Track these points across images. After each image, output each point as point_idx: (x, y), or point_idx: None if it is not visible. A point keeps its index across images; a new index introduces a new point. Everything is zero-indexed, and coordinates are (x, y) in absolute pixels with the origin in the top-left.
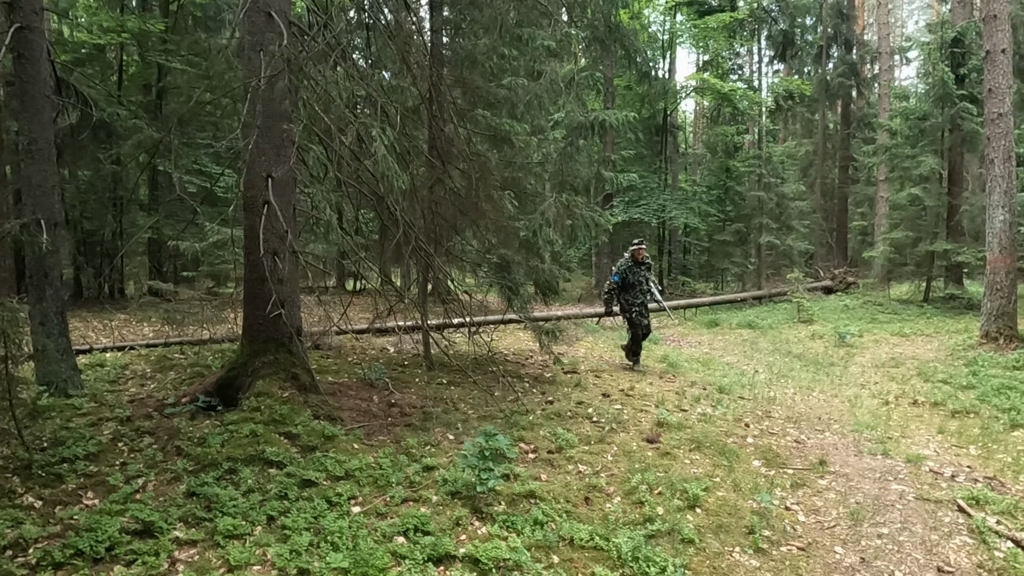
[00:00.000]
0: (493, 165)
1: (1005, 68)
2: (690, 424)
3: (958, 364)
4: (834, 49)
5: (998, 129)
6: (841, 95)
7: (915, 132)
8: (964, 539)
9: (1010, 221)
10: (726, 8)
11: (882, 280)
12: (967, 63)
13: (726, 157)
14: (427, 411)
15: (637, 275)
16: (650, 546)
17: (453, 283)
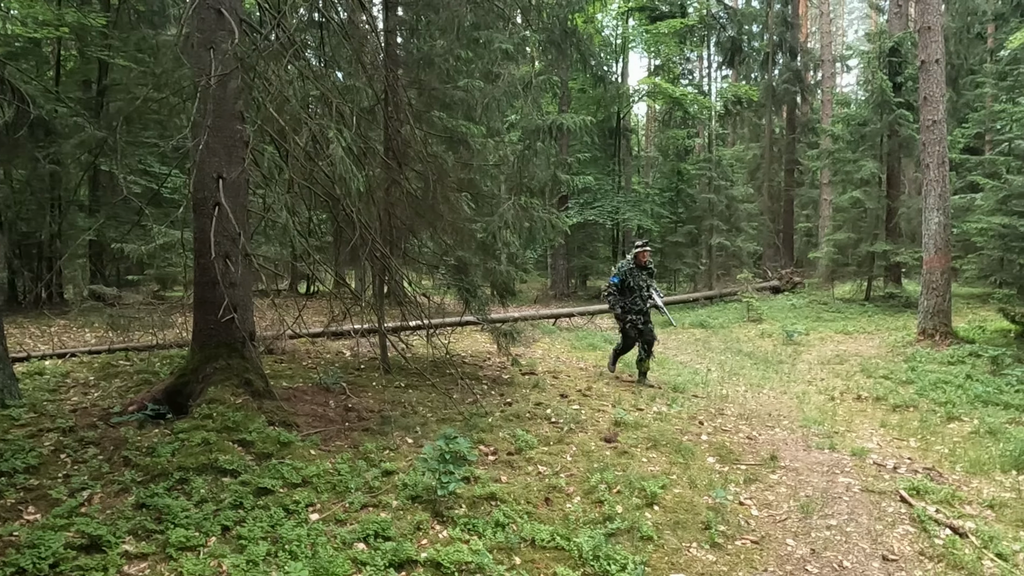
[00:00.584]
0: (450, 167)
1: (938, 77)
2: (646, 423)
3: (898, 360)
4: (780, 56)
5: (932, 135)
6: (786, 101)
7: (856, 137)
8: (906, 528)
9: (944, 223)
10: (677, 14)
11: (826, 280)
12: (903, 72)
13: (677, 160)
14: (385, 415)
15: (638, 279)
16: (610, 544)
17: (410, 285)
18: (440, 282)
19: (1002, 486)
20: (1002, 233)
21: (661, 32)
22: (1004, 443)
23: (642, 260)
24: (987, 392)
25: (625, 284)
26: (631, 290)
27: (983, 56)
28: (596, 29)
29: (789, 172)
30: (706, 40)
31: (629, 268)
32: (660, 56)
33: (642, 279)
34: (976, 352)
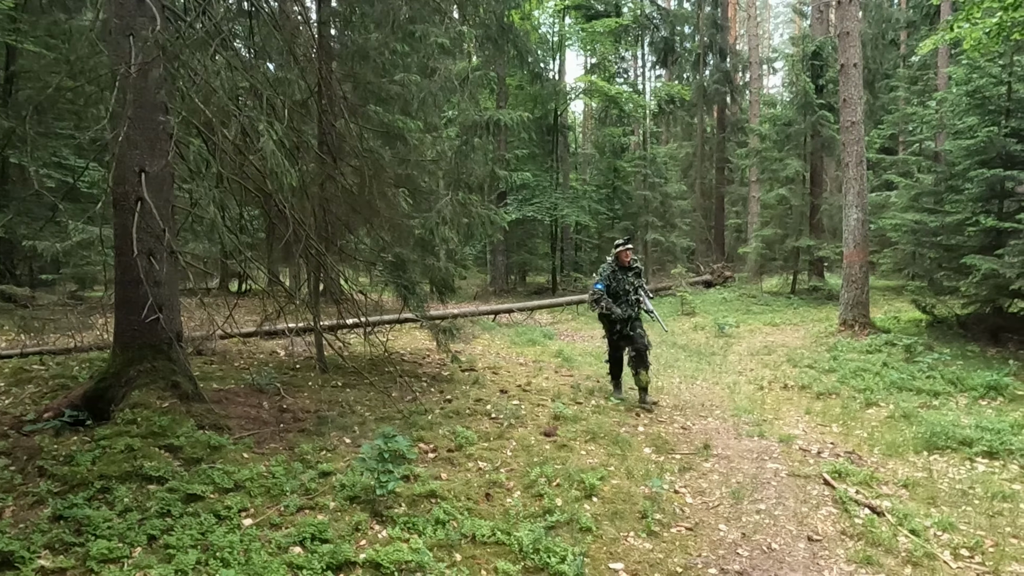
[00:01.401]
0: (387, 162)
1: (857, 80)
2: (585, 416)
3: (821, 350)
4: (710, 57)
5: (851, 136)
6: (717, 101)
7: (782, 137)
8: (830, 509)
9: (863, 219)
10: (612, 14)
11: (755, 274)
12: (825, 75)
13: (614, 157)
14: (322, 415)
15: (623, 282)
16: (550, 537)
17: (347, 283)
18: (378, 279)
19: (915, 466)
20: (914, 229)
21: (597, 31)
22: (917, 426)
23: (624, 260)
24: (902, 379)
25: (610, 289)
26: (616, 295)
27: (896, 61)
28: (533, 26)
29: (720, 170)
30: (640, 40)
31: (612, 271)
32: (596, 55)
33: (628, 281)
34: (892, 341)
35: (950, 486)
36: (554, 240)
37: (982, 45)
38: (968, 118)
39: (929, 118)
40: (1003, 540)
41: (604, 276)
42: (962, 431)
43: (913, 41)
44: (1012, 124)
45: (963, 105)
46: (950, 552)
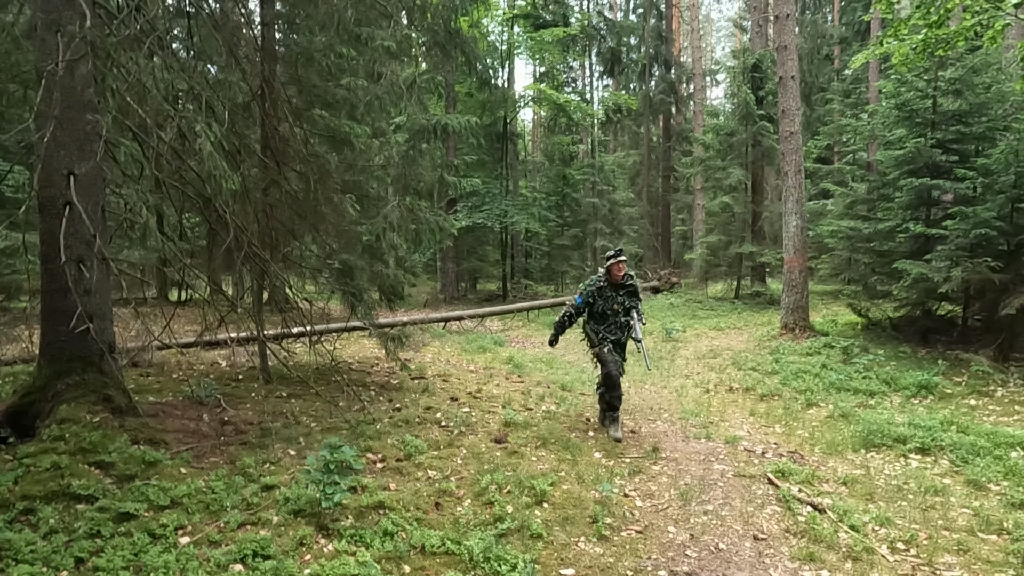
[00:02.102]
0: (333, 167)
1: (794, 92)
2: (536, 422)
3: (764, 353)
4: (656, 68)
5: (790, 145)
6: (662, 111)
7: (724, 146)
8: (774, 508)
9: (801, 226)
10: (559, 23)
11: (701, 280)
12: (765, 87)
13: (563, 165)
14: (265, 427)
15: (611, 300)
16: (501, 545)
17: (291, 290)
18: (324, 286)
19: (853, 464)
20: (849, 235)
21: (545, 40)
22: (854, 425)
23: (617, 275)
24: (840, 379)
25: (594, 309)
26: (603, 316)
27: (831, 75)
28: (482, 33)
29: (666, 178)
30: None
31: (598, 287)
32: (545, 63)
33: (619, 300)
34: (830, 344)
35: (886, 482)
36: (504, 247)
37: (909, 60)
38: (897, 130)
39: (862, 129)
40: (936, 532)
41: (588, 292)
42: (896, 429)
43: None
44: (937, 136)
45: (892, 117)
46: (887, 546)
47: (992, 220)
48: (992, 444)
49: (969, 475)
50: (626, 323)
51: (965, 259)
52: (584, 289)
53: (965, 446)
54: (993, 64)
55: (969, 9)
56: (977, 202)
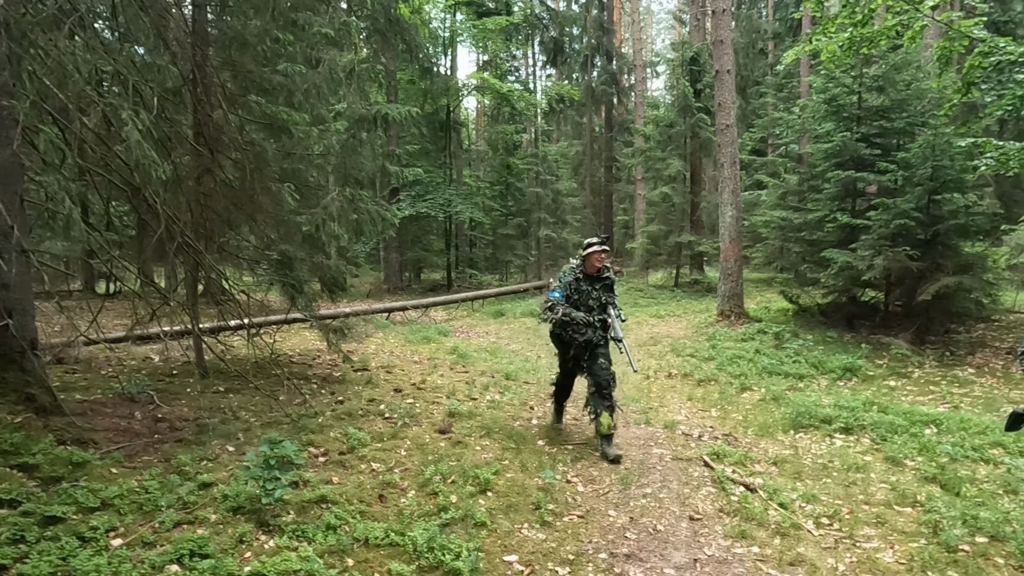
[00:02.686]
0: (270, 156)
1: (730, 86)
2: (480, 412)
3: (701, 340)
4: (598, 59)
5: (726, 138)
6: (604, 101)
7: (664, 138)
8: (709, 489)
9: (737, 216)
10: (502, 12)
11: (642, 268)
12: (702, 80)
13: (506, 154)
14: (202, 423)
15: (587, 295)
16: (445, 535)
17: (228, 282)
18: (263, 278)
19: (783, 445)
20: (781, 225)
21: (488, 28)
22: (784, 407)
23: (594, 265)
24: (772, 364)
25: (569, 302)
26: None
27: (765, 70)
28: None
29: (608, 168)
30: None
31: (575, 278)
32: (488, 52)
33: (594, 294)
34: (763, 329)
35: (813, 461)
36: (449, 237)
37: (837, 57)
38: (826, 124)
39: (793, 123)
40: (857, 507)
41: (563, 284)
42: (823, 410)
43: (780, 51)
44: (862, 130)
45: (821, 112)
46: (813, 521)
47: (911, 211)
48: (909, 422)
49: (888, 452)
50: (603, 321)
51: (887, 248)
52: (561, 281)
53: (885, 425)
54: (913, 62)
55: (891, 9)
56: (898, 194)
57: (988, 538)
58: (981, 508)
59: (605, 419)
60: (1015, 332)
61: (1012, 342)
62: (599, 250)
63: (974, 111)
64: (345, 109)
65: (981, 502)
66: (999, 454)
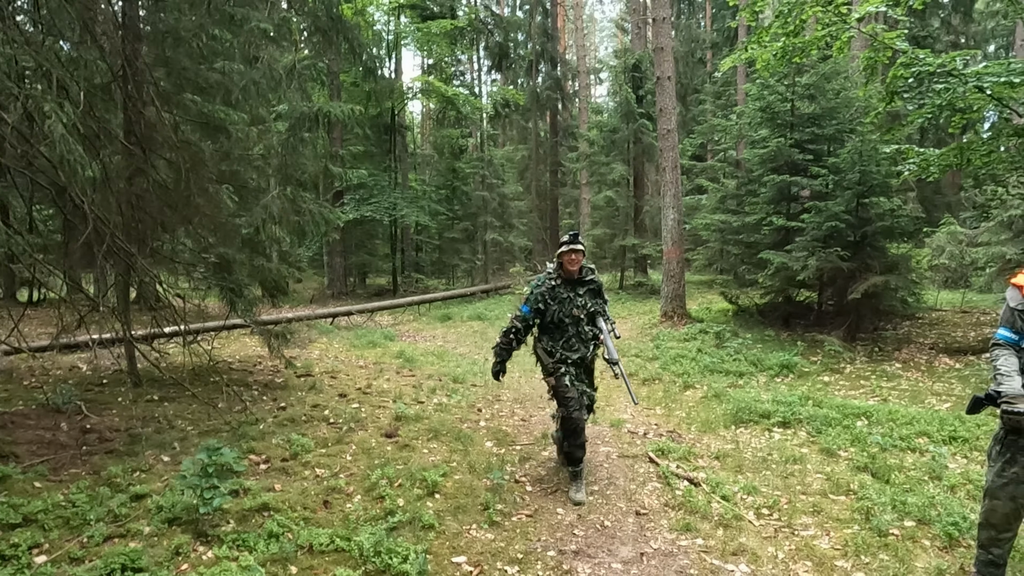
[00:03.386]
0: (207, 156)
1: (670, 92)
2: (427, 415)
3: (646, 340)
4: (542, 64)
5: (667, 143)
6: (549, 107)
7: (608, 143)
8: (655, 484)
9: (679, 220)
10: (447, 15)
11: None
12: (644, 86)
13: (452, 158)
14: (134, 433)
15: (568, 304)
16: (392, 538)
17: (163, 287)
18: (200, 282)
19: (725, 440)
20: (721, 228)
21: (433, 32)
22: (726, 404)
23: (571, 268)
24: (713, 362)
25: (547, 318)
26: (558, 327)
27: (704, 77)
28: (367, 22)
29: (553, 173)
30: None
31: (549, 287)
32: (433, 55)
33: (578, 303)
34: (705, 330)
35: (753, 454)
36: (394, 241)
37: (771, 66)
38: (761, 130)
39: (731, 129)
40: (795, 497)
41: (535, 296)
42: (762, 406)
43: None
44: (796, 136)
45: (757, 118)
46: (754, 512)
47: (841, 214)
48: (842, 415)
49: (823, 444)
50: (592, 335)
51: (819, 249)
52: (532, 293)
53: (819, 418)
54: (841, 72)
55: (821, 21)
56: (829, 198)
57: (915, 522)
58: (909, 494)
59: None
60: (937, 328)
61: (935, 338)
62: (569, 249)
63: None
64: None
65: (909, 488)
66: (924, 443)
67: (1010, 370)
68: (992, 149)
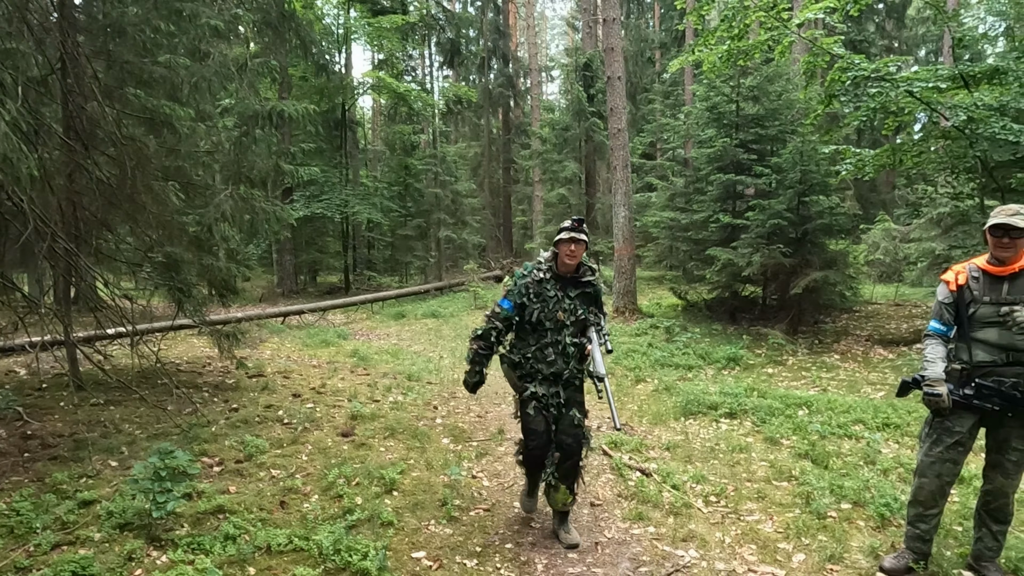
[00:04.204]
0: (152, 152)
1: (620, 92)
2: (383, 413)
3: None
4: (494, 62)
5: (618, 142)
6: (501, 104)
7: (560, 140)
8: (608, 476)
9: (629, 217)
10: (398, 10)
11: None
12: (595, 85)
13: (404, 155)
14: (79, 438)
15: (554, 304)
16: (351, 536)
17: (107, 287)
18: (146, 282)
19: (674, 431)
20: (670, 225)
21: (383, 27)
22: (675, 397)
23: (568, 262)
24: (664, 356)
25: (527, 317)
26: (536, 330)
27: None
28: (317, 16)
29: (506, 170)
30: (427, 40)
31: (536, 279)
32: (384, 51)
33: (566, 304)
34: (655, 324)
35: (702, 444)
36: (346, 238)
37: (716, 68)
38: (708, 130)
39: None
40: (740, 485)
41: (518, 288)
42: (710, 398)
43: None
44: (741, 136)
45: (704, 119)
46: (702, 500)
47: (784, 212)
48: (784, 405)
49: (767, 433)
50: (577, 347)
51: (763, 246)
52: (515, 284)
53: (764, 409)
54: (783, 75)
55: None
56: (772, 196)
57: (852, 504)
58: (845, 478)
59: (563, 493)
60: (873, 321)
61: (870, 330)
62: (569, 238)
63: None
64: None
65: (845, 473)
66: (860, 430)
67: (935, 357)
68: (922, 150)
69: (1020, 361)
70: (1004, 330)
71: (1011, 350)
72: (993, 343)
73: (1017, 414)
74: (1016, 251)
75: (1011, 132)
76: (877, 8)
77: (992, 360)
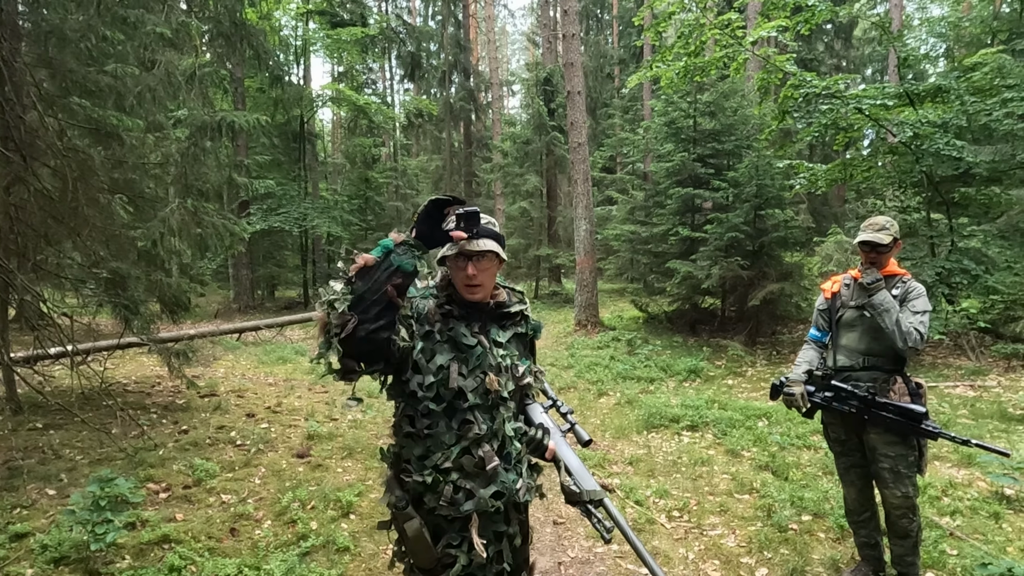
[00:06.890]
0: (97, 164)
1: (580, 106)
2: (341, 432)
3: (561, 349)
4: (455, 75)
5: (578, 155)
6: (463, 117)
7: (521, 154)
8: None
9: (590, 230)
10: (358, 23)
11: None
12: (556, 99)
13: (365, 168)
14: (14, 465)
15: (479, 360)
16: (305, 564)
17: (47, 304)
18: (90, 299)
19: (638, 445)
20: (630, 238)
21: (343, 39)
22: (638, 410)
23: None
24: (626, 369)
25: (420, 381)
26: (443, 412)
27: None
28: (273, 27)
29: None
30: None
31: (442, 312)
32: (343, 63)
33: (496, 357)
34: (617, 337)
35: (664, 458)
36: (305, 252)
37: (674, 84)
38: (667, 144)
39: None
40: (703, 498)
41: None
42: (672, 410)
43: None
44: (698, 151)
45: (663, 133)
46: (666, 515)
47: (741, 225)
48: (744, 416)
49: (728, 445)
50: (528, 443)
51: (722, 259)
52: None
53: (725, 421)
54: (739, 91)
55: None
56: (729, 209)
57: (812, 516)
58: (805, 490)
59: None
60: None
61: None
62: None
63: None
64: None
65: (805, 484)
66: (818, 440)
67: (801, 360)
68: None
69: (876, 366)
70: (862, 334)
71: (867, 355)
72: (852, 348)
73: (874, 419)
74: (883, 263)
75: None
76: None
77: (851, 364)
